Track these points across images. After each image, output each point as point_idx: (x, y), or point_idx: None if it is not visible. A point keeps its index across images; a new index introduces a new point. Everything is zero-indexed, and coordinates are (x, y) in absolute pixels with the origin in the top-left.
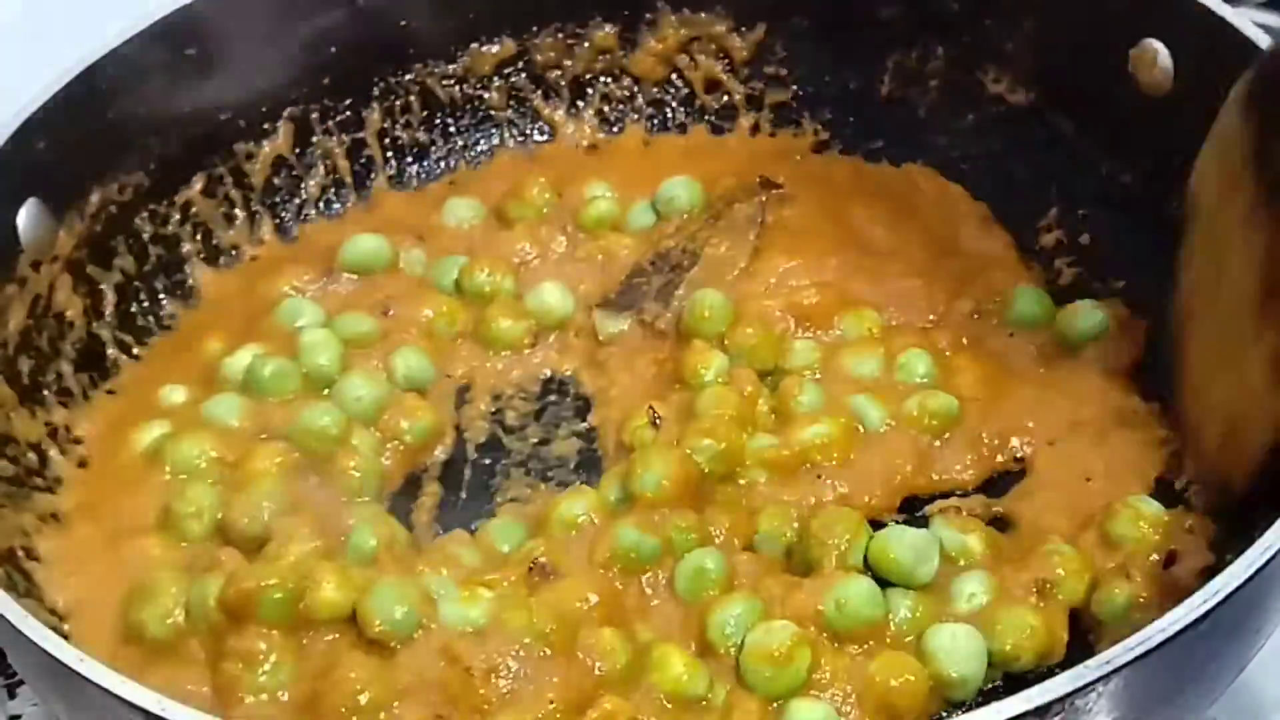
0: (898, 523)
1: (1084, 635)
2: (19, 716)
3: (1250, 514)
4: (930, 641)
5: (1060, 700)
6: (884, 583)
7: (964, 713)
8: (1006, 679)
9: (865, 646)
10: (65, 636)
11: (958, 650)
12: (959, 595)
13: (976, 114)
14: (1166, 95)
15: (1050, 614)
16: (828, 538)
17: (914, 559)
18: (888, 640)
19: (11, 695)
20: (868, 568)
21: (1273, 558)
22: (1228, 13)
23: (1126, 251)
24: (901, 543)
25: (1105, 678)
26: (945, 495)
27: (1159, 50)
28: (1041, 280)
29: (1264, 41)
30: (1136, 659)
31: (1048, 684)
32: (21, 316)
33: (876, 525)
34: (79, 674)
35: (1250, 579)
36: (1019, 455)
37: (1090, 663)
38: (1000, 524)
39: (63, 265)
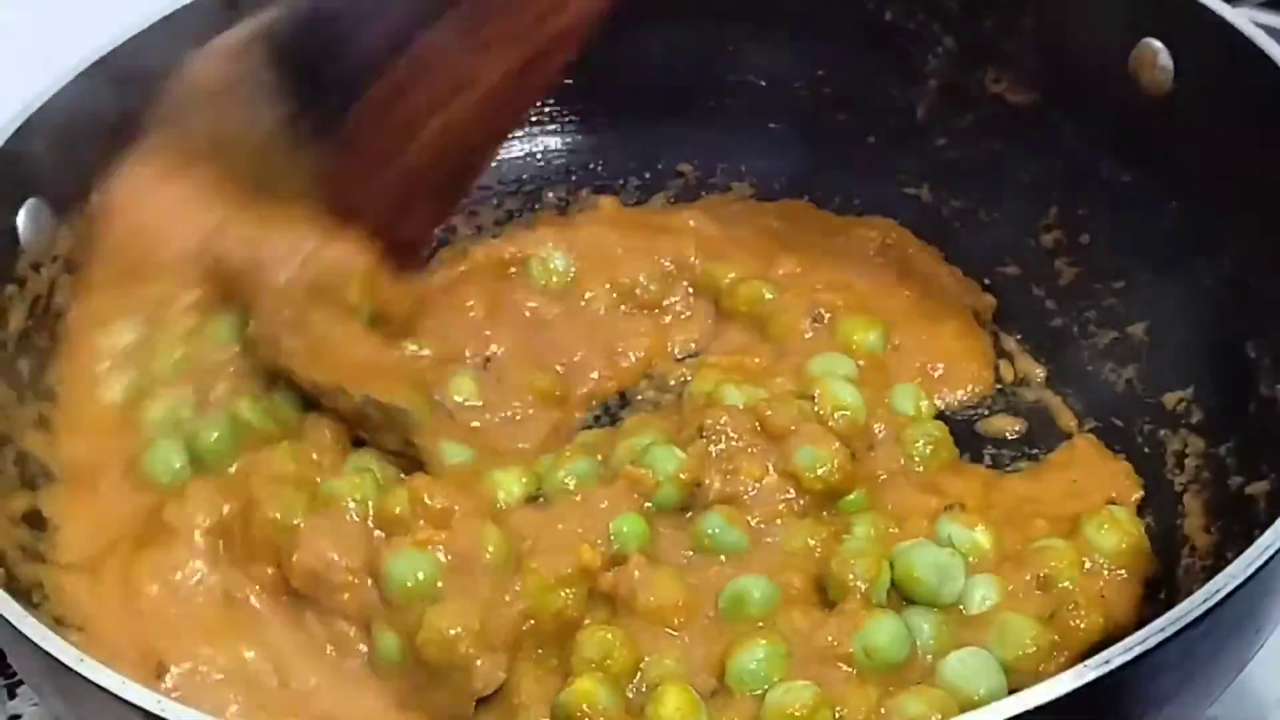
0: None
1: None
2: (19, 716)
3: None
4: (945, 673)
5: (1060, 700)
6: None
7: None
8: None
9: (890, 680)
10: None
11: (970, 671)
12: (971, 601)
13: (976, 114)
14: (1166, 95)
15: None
16: (849, 578)
17: (938, 579)
18: (912, 663)
19: (11, 695)
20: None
21: (1272, 557)
22: (1228, 13)
23: (1126, 251)
24: (925, 563)
25: (1105, 677)
26: None
27: (1159, 50)
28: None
29: (1265, 42)
30: (1136, 659)
31: (1047, 684)
32: (21, 316)
33: None
34: (79, 674)
35: (1250, 579)
36: None
37: (1090, 662)
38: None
39: (63, 265)
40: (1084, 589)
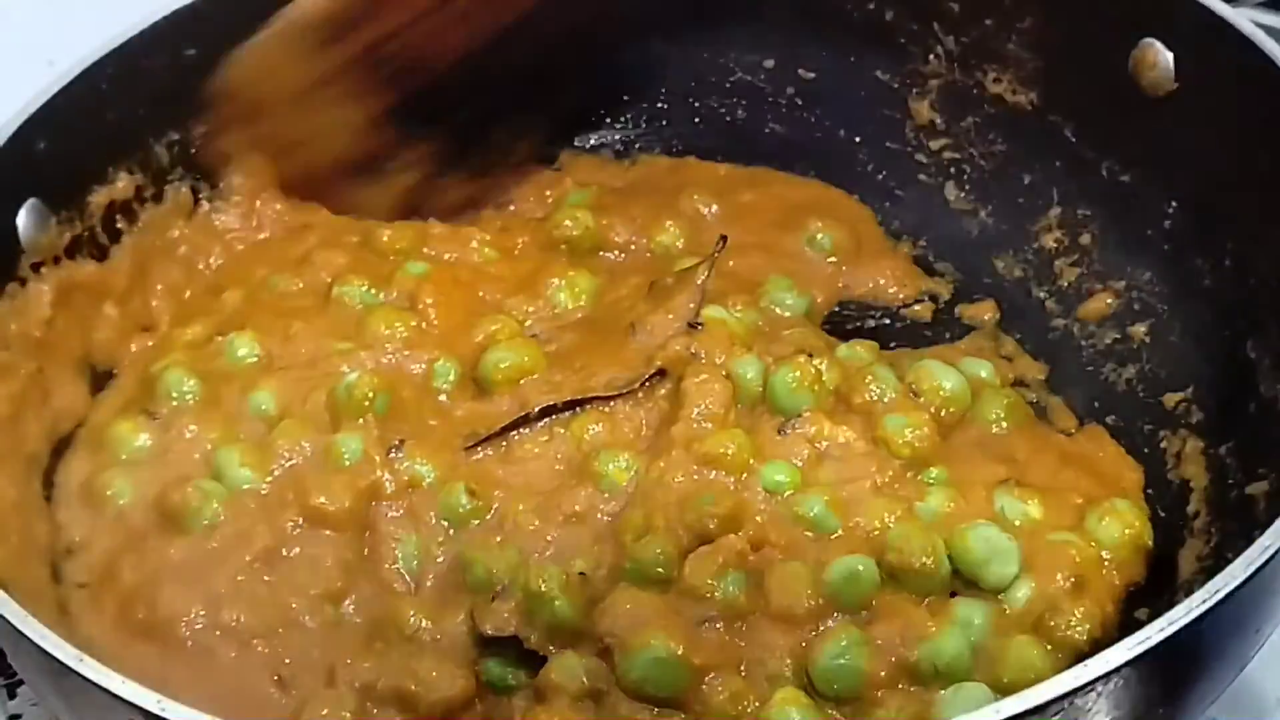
0: None
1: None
2: (19, 716)
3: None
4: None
5: (1060, 700)
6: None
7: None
8: None
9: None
10: None
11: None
12: (1014, 600)
13: (976, 114)
14: (1166, 95)
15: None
16: (910, 559)
17: (987, 553)
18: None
19: (11, 695)
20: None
21: (1272, 557)
22: (1228, 13)
23: (1126, 251)
24: (979, 536)
25: (1105, 677)
26: None
27: (1159, 50)
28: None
29: (1265, 42)
30: (1136, 658)
31: (1047, 684)
32: None
33: None
34: (79, 674)
35: (1250, 579)
36: None
37: (1090, 662)
38: None
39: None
40: (1094, 586)
